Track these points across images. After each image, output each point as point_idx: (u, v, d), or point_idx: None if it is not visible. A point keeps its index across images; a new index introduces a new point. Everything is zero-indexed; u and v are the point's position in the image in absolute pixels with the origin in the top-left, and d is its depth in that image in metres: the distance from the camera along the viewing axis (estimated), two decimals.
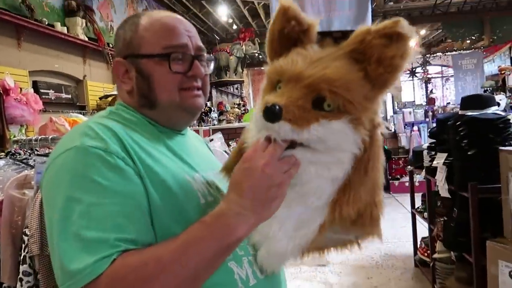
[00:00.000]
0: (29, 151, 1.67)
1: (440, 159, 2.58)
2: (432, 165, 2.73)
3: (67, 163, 0.67)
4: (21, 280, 1.38)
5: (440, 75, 18.52)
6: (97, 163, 0.66)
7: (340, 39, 0.68)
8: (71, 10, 4.95)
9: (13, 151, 1.68)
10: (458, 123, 2.30)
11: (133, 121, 0.79)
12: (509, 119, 2.22)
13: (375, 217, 0.73)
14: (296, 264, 3.90)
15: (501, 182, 2.04)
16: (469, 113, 2.29)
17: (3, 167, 1.56)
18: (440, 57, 15.40)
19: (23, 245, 1.39)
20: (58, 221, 0.64)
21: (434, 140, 2.90)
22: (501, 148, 2.05)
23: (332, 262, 3.89)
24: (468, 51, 11.73)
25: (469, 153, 2.23)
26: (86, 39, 5.09)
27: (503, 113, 2.30)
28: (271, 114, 0.59)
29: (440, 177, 2.57)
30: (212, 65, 0.88)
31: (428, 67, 16.35)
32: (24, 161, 1.61)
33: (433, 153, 2.85)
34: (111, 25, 6.14)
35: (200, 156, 0.89)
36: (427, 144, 3.09)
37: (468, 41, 10.90)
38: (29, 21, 4.09)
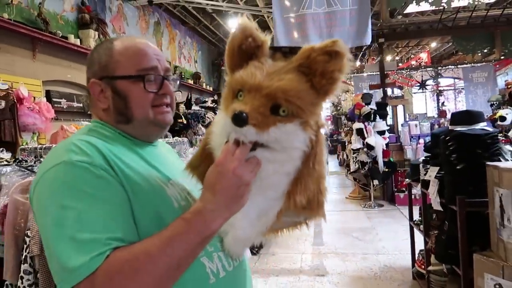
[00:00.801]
0: (35, 158, 1.80)
1: (432, 173, 2.64)
2: (426, 178, 2.79)
3: (57, 176, 0.75)
4: (21, 278, 1.49)
5: (452, 88, 18.38)
6: (84, 174, 0.74)
7: (288, 54, 0.81)
8: (85, 22, 5.16)
9: (20, 158, 1.80)
10: (448, 138, 2.36)
11: (110, 136, 0.89)
12: (497, 135, 2.28)
13: (321, 202, 0.85)
14: (295, 273, 3.95)
15: (488, 196, 2.09)
16: (458, 128, 2.36)
17: (9, 173, 1.69)
18: (452, 70, 15.33)
19: (25, 246, 1.50)
20: (53, 227, 0.71)
21: (429, 154, 2.96)
22: (488, 163, 2.10)
23: (330, 272, 3.94)
24: (479, 64, 11.69)
25: (458, 167, 2.29)
26: None
27: (491, 129, 2.36)
28: (240, 120, 0.69)
29: (432, 190, 2.62)
30: (177, 84, 1.00)
31: (440, 80, 16.26)
32: (29, 167, 1.74)
33: (427, 166, 2.90)
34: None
35: (171, 164, 1.00)
36: (422, 158, 3.14)
37: (480, 54, 10.87)
38: (44, 34, 4.30)
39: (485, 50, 10.09)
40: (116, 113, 0.91)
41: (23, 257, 1.50)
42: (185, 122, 6.06)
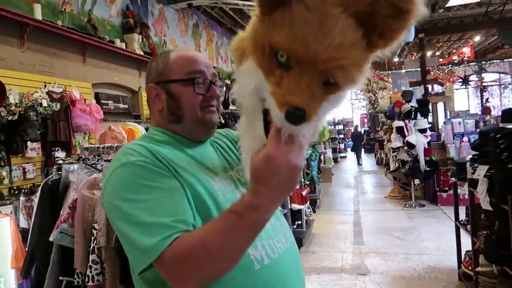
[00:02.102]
0: (97, 156, 1.94)
1: (481, 171, 2.58)
2: (474, 177, 2.72)
3: (118, 177, 0.86)
4: (90, 267, 1.62)
5: (497, 83, 17.54)
6: (141, 171, 0.84)
7: None
8: (129, 27, 5.38)
9: (83, 157, 1.95)
10: (498, 135, 2.30)
11: (162, 140, 0.99)
12: None
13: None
14: (337, 271, 3.96)
15: None
16: (510, 126, 2.29)
17: (76, 171, 1.83)
18: (497, 64, 14.64)
19: (93, 238, 1.63)
20: (122, 219, 0.81)
21: (477, 152, 2.89)
22: None
23: (372, 271, 3.92)
24: None
25: (509, 166, 2.23)
26: (142, 53, 5.49)
27: None
28: (296, 119, 0.60)
29: (481, 189, 2.56)
30: (223, 90, 1.09)
31: (484, 75, 15.57)
32: (93, 165, 1.88)
33: (475, 165, 2.84)
34: (164, 40, 6.56)
35: (217, 160, 1.07)
36: (470, 156, 3.06)
37: None
38: (93, 39, 4.53)
39: None
40: (169, 113, 1.02)
41: (91, 248, 1.63)
42: (223, 121, 6.19)
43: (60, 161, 2.07)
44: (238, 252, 0.75)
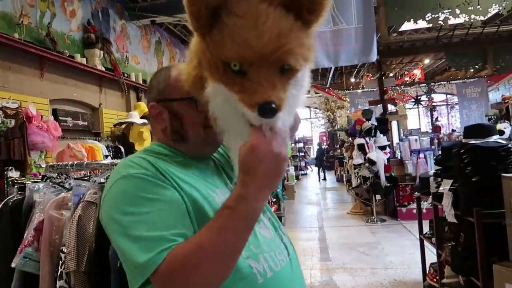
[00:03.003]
0: (65, 175, 1.82)
1: (446, 186, 2.68)
2: (438, 191, 2.83)
3: (118, 190, 0.84)
4: None
5: (445, 103, 18.68)
6: (142, 183, 0.82)
7: None
8: (90, 42, 5.23)
9: (48, 175, 1.82)
10: (462, 151, 2.41)
11: (164, 153, 0.96)
12: (510, 148, 2.34)
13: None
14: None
15: (505, 207, 2.13)
16: (472, 142, 2.41)
17: (42, 190, 1.70)
18: (445, 85, 15.60)
19: (60, 262, 1.51)
20: (120, 233, 0.79)
21: (440, 167, 3.01)
22: (503, 174, 2.15)
23: (342, 287, 3.93)
24: (472, 80, 11.93)
25: (473, 179, 2.34)
26: (103, 69, 5.33)
27: (504, 142, 2.42)
28: (269, 112, 0.65)
29: (447, 202, 2.66)
30: None
31: (433, 95, 16.51)
32: (61, 184, 1.76)
33: (439, 179, 2.95)
34: (126, 56, 6.42)
35: (219, 174, 1.05)
36: (433, 171, 3.19)
37: (472, 70, 11.11)
38: (52, 53, 4.35)
39: (477, 66, 10.33)
40: (172, 132, 0.99)
41: (59, 273, 1.50)
42: None
43: (20, 181, 1.93)
44: (235, 249, 0.74)
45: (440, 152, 3.21)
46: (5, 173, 3.61)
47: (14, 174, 3.69)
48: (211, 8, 0.67)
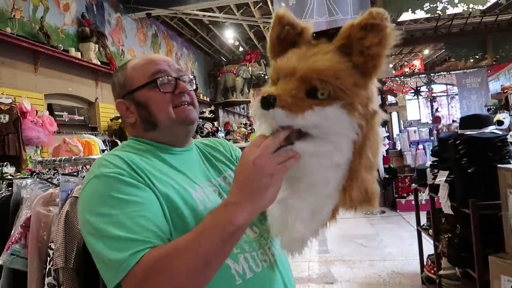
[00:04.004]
0: (54, 170, 1.80)
1: (442, 177, 2.66)
2: (435, 182, 2.81)
3: (92, 189, 0.82)
4: None
5: (445, 94, 18.59)
6: (114, 183, 0.80)
7: (334, 36, 0.75)
8: (85, 36, 5.16)
9: (37, 171, 1.80)
10: (458, 142, 2.39)
11: (140, 148, 0.95)
12: (507, 138, 2.31)
13: (376, 193, 0.79)
14: (304, 281, 3.93)
15: (501, 198, 2.11)
16: (468, 132, 2.39)
17: (30, 186, 1.68)
18: (445, 76, 15.51)
19: (49, 259, 1.49)
20: (94, 234, 0.77)
21: (436, 158, 2.98)
22: (499, 165, 2.13)
23: (339, 280, 3.93)
24: (471, 70, 11.84)
25: (469, 170, 2.31)
26: (99, 63, 5.28)
27: (500, 132, 2.39)
28: (266, 102, 0.67)
29: (443, 194, 2.64)
30: (193, 83, 1.03)
31: (433, 86, 16.42)
32: (49, 180, 1.74)
33: (435, 171, 2.93)
34: (122, 49, 6.37)
35: (202, 167, 1.01)
36: (429, 162, 3.17)
37: (472, 60, 11.04)
38: (46, 47, 4.29)
39: (477, 56, 10.25)
40: (142, 122, 0.97)
41: (47, 270, 1.49)
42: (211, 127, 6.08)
43: (10, 177, 1.90)
44: (208, 256, 0.70)
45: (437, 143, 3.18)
46: (0, 168, 3.61)
47: (9, 169, 3.68)
48: (283, 40, 0.79)
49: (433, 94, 16.22)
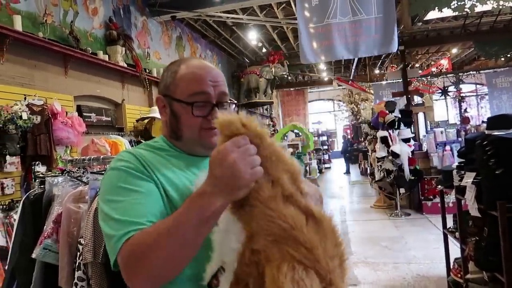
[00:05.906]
0: (82, 169, 1.87)
1: (468, 178, 2.59)
2: (461, 184, 2.74)
3: (106, 179, 0.96)
4: (76, 285, 1.54)
5: (474, 94, 18.04)
6: (123, 175, 0.92)
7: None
8: (112, 39, 5.32)
9: (67, 170, 1.87)
10: (485, 142, 2.32)
11: (159, 147, 1.04)
12: None
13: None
14: None
15: None
16: (496, 133, 2.32)
17: (61, 184, 1.76)
18: (474, 75, 15.06)
19: (78, 253, 1.55)
20: (102, 218, 0.90)
21: (463, 160, 2.91)
22: None
23: (362, 282, 3.89)
24: (502, 69, 11.43)
25: (496, 172, 2.25)
26: (125, 65, 5.43)
27: None
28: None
29: (470, 196, 2.57)
30: (232, 107, 1.11)
31: (461, 86, 15.97)
32: (79, 178, 1.81)
33: (462, 172, 2.86)
34: (147, 52, 6.51)
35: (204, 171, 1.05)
36: (456, 164, 3.09)
37: (503, 59, 10.68)
38: (75, 51, 4.45)
39: (509, 55, 9.92)
40: (170, 128, 1.05)
41: (77, 264, 1.55)
42: None
43: (41, 175, 1.99)
44: (185, 238, 0.77)
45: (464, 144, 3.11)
46: (32, 167, 3.76)
47: (40, 168, 3.83)
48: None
49: (461, 94, 15.75)
